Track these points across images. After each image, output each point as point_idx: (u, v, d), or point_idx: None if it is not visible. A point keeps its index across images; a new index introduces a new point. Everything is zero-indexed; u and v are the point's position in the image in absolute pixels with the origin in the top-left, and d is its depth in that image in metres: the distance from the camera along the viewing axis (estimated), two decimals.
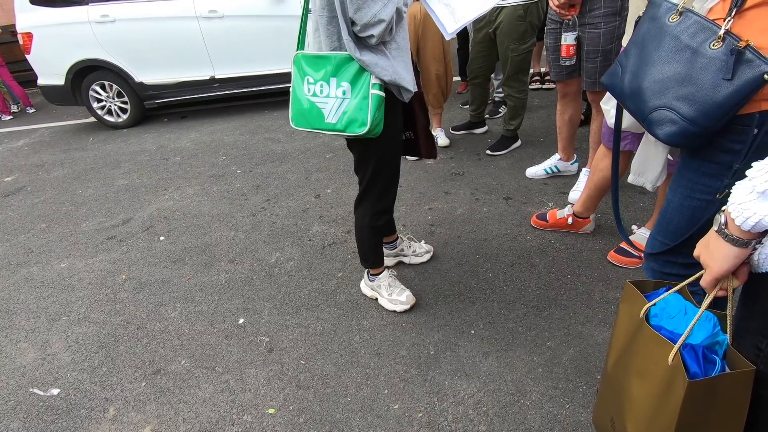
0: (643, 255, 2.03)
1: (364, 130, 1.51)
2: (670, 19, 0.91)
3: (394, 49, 1.51)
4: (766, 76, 0.78)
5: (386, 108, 1.55)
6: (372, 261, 1.97)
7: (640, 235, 2.12)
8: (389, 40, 1.49)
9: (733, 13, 0.83)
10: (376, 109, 1.50)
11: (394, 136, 1.69)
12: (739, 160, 0.88)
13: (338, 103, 1.54)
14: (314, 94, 1.57)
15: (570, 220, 2.27)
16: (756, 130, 0.85)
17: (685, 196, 1.03)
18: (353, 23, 1.40)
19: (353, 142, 1.69)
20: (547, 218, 2.36)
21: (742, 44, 0.80)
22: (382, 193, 1.77)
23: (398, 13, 1.43)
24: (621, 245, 2.12)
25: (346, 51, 1.46)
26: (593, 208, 2.24)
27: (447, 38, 1.60)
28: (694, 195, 1.01)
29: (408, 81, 1.56)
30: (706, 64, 0.85)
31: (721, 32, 0.83)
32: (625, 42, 1.90)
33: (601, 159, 2.05)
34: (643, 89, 0.95)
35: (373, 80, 1.48)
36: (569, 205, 2.33)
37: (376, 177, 1.72)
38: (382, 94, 1.51)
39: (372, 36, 1.40)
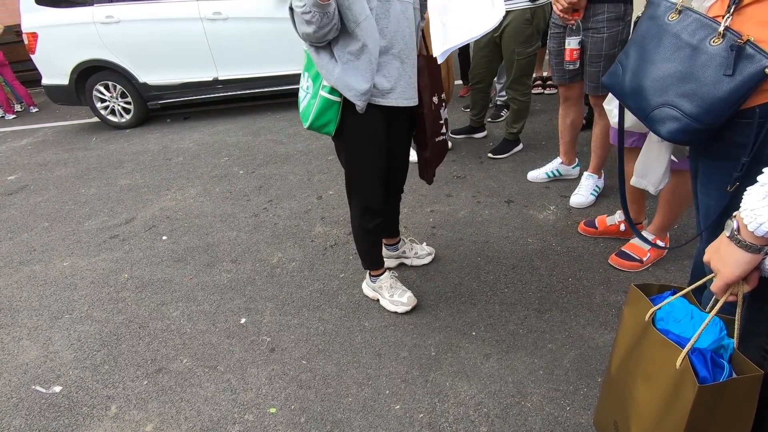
0: (644, 260, 2.06)
1: (305, 125, 1.60)
2: (670, 18, 0.92)
3: (349, 54, 1.44)
4: (767, 70, 0.79)
5: (349, 112, 1.54)
6: (369, 262, 1.98)
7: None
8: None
9: (731, 10, 0.84)
10: (321, 110, 1.54)
11: (360, 142, 1.63)
12: (747, 153, 0.88)
13: (304, 94, 1.62)
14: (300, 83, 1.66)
15: (623, 227, 2.23)
16: (761, 121, 0.85)
17: (704, 194, 1.05)
18: None
19: None
20: (597, 225, 2.32)
21: (743, 40, 0.81)
22: (362, 194, 1.75)
23: (334, 28, 1.37)
24: (622, 248, 2.12)
25: None
26: (643, 212, 2.22)
27: (439, 61, 1.49)
28: (711, 192, 1.02)
29: (355, 91, 1.47)
30: (707, 60, 0.86)
31: (721, 29, 0.84)
32: None
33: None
34: (644, 87, 0.96)
35: (324, 82, 1.51)
36: (619, 212, 2.29)
37: (348, 176, 1.74)
38: (333, 98, 1.51)
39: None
